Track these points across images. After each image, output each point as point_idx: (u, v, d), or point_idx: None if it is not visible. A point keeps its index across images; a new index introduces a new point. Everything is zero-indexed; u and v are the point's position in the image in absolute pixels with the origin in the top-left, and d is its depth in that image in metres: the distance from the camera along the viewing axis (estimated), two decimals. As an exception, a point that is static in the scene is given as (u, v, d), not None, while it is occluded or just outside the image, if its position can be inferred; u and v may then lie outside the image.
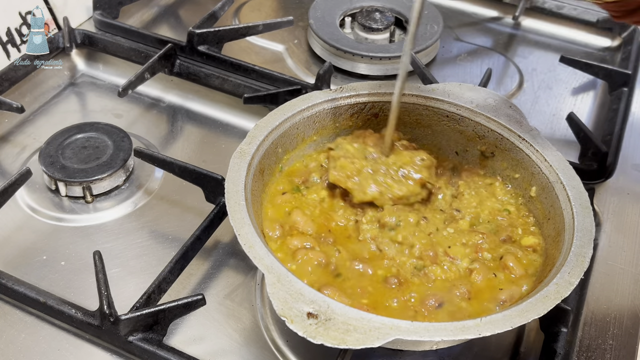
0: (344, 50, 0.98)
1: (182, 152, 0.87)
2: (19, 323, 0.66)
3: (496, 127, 0.73)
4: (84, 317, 0.63)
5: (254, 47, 1.06)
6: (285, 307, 0.52)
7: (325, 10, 1.05)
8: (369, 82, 0.77)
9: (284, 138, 0.71)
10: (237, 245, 0.75)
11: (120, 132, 0.84)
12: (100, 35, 0.98)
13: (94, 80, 0.98)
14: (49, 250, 0.73)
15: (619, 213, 0.80)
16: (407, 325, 0.52)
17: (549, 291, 0.56)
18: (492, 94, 0.76)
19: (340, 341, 0.50)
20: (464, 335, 0.52)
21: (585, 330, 0.67)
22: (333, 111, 0.75)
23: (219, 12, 1.02)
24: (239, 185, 0.62)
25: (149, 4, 1.12)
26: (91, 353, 0.64)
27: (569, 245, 0.60)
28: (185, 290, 0.70)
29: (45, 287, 0.66)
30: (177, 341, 0.66)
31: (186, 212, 0.79)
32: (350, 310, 0.52)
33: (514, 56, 1.08)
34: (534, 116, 0.97)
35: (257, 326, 0.67)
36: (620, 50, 1.11)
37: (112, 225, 0.77)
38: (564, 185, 0.66)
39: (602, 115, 0.97)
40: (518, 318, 0.53)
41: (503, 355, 0.67)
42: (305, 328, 0.51)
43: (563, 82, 1.04)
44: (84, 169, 0.79)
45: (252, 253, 0.56)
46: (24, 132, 0.88)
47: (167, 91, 0.96)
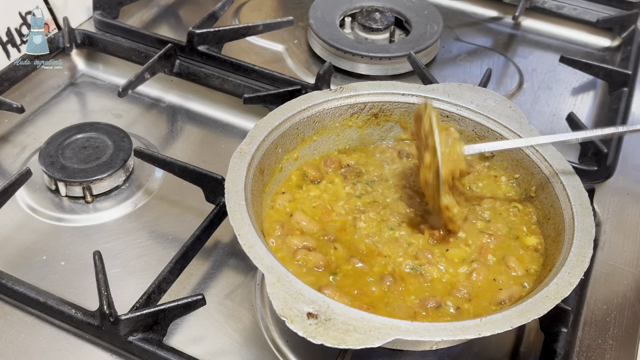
0: (344, 50, 0.98)
1: (182, 152, 0.87)
2: (19, 323, 0.66)
3: (496, 127, 0.73)
4: (84, 317, 0.63)
5: (254, 47, 1.06)
6: (285, 307, 0.52)
7: (325, 10, 1.05)
8: (369, 82, 0.77)
9: (284, 138, 0.71)
10: (237, 245, 0.75)
11: (120, 132, 0.84)
12: (100, 36, 0.98)
13: (94, 80, 0.98)
14: (49, 250, 0.73)
15: (619, 213, 0.80)
16: (407, 325, 0.52)
17: (549, 291, 0.56)
18: (492, 94, 0.76)
19: (340, 341, 0.50)
20: (464, 335, 0.52)
21: (585, 330, 0.67)
22: (333, 111, 0.75)
23: (219, 12, 1.02)
24: (239, 185, 0.62)
25: (149, 4, 1.12)
26: (91, 353, 0.64)
27: (569, 245, 0.60)
28: (185, 290, 0.70)
29: (45, 287, 0.66)
30: (177, 341, 0.66)
31: (186, 212, 0.79)
32: (350, 310, 0.52)
33: (514, 56, 1.08)
34: (534, 116, 0.97)
35: (257, 326, 0.67)
36: (620, 50, 1.11)
37: (112, 225, 0.77)
38: (563, 185, 0.66)
39: (602, 115, 0.97)
40: (518, 318, 0.53)
41: (503, 355, 0.67)
42: (305, 328, 0.51)
43: (563, 82, 1.04)
44: (84, 169, 0.79)
45: (252, 253, 0.56)
46: (24, 132, 0.88)
47: (167, 91, 0.96)
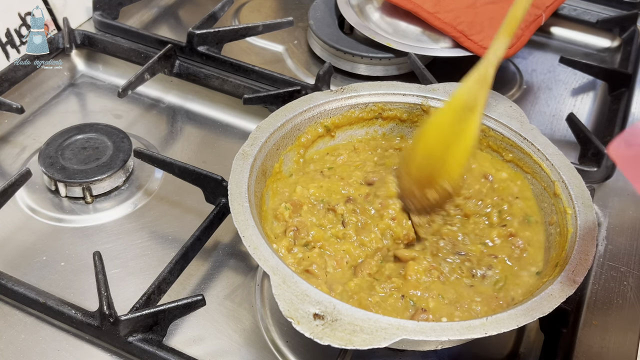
0: (344, 50, 0.98)
1: (181, 153, 0.87)
2: (19, 324, 0.66)
3: (497, 126, 0.73)
4: (83, 317, 0.63)
5: (254, 47, 1.06)
6: (291, 308, 0.52)
7: (325, 11, 1.05)
8: (369, 82, 0.77)
9: (286, 139, 0.71)
10: (236, 245, 0.75)
11: (120, 133, 0.84)
12: (100, 36, 0.98)
13: (93, 81, 0.98)
14: (48, 251, 0.73)
15: (619, 213, 0.80)
16: (414, 325, 0.52)
17: (554, 290, 0.56)
18: (492, 94, 0.76)
19: (347, 342, 0.50)
20: (470, 335, 0.52)
21: (585, 331, 0.67)
22: (334, 112, 0.75)
23: (218, 12, 1.02)
24: (242, 187, 0.62)
25: (149, 5, 1.12)
26: (91, 354, 0.64)
27: (572, 244, 0.60)
28: (185, 290, 0.70)
29: (45, 288, 0.66)
30: (177, 342, 0.65)
31: (186, 212, 0.79)
32: (356, 311, 0.52)
33: (514, 57, 1.08)
34: (534, 117, 0.97)
35: (257, 327, 0.67)
36: (620, 50, 1.11)
37: (112, 225, 0.77)
38: (565, 184, 0.66)
39: (602, 115, 0.97)
40: (524, 317, 0.53)
41: (503, 355, 0.67)
42: (311, 329, 0.51)
43: (563, 83, 1.04)
44: (84, 169, 0.79)
45: (257, 254, 0.56)
46: (24, 133, 0.88)
47: (167, 92, 0.96)
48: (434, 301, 0.59)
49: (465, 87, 0.67)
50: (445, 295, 0.60)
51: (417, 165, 0.68)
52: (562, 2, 1.05)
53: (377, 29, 0.99)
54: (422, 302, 0.59)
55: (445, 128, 0.67)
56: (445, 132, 0.67)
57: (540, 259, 0.64)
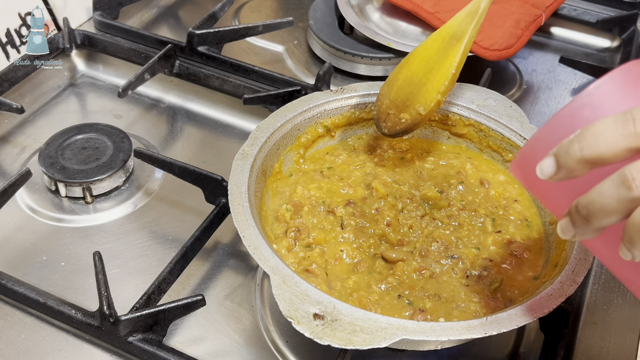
0: (344, 51, 0.98)
1: (182, 153, 0.87)
2: (19, 324, 0.66)
3: (497, 126, 0.73)
4: (83, 317, 0.63)
5: (254, 47, 1.06)
6: (291, 308, 0.52)
7: (325, 11, 1.05)
8: (369, 82, 0.77)
9: (286, 139, 0.71)
10: (237, 245, 0.75)
11: (120, 133, 0.84)
12: (100, 36, 0.98)
13: (93, 81, 0.98)
14: (48, 251, 0.73)
15: (619, 213, 0.80)
16: (414, 325, 0.52)
17: (554, 289, 0.56)
18: (492, 94, 0.76)
19: (347, 342, 0.50)
20: (470, 335, 0.52)
21: (585, 331, 0.67)
22: (334, 112, 0.75)
23: (218, 12, 1.01)
24: (242, 187, 0.62)
25: (149, 5, 1.12)
26: (91, 354, 0.64)
27: (572, 244, 0.60)
28: (185, 290, 0.70)
29: (45, 288, 0.66)
30: (177, 342, 0.65)
31: (186, 212, 0.79)
32: (356, 311, 0.52)
33: (514, 57, 1.08)
34: (534, 117, 0.97)
35: (257, 327, 0.67)
36: (619, 51, 1.11)
37: (112, 225, 0.77)
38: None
39: (601, 115, 0.97)
40: (524, 317, 0.53)
41: (503, 355, 0.67)
42: (312, 329, 0.51)
43: (563, 83, 1.04)
44: (84, 169, 0.79)
45: (257, 254, 0.56)
46: (24, 133, 0.88)
47: (167, 92, 0.96)
48: (431, 301, 0.59)
49: (456, 18, 0.69)
50: (441, 294, 0.60)
51: (397, 88, 0.70)
52: (562, 2, 1.05)
53: (377, 29, 0.99)
54: (419, 302, 0.59)
55: (429, 54, 0.69)
56: (429, 57, 0.69)
57: (540, 264, 0.64)
